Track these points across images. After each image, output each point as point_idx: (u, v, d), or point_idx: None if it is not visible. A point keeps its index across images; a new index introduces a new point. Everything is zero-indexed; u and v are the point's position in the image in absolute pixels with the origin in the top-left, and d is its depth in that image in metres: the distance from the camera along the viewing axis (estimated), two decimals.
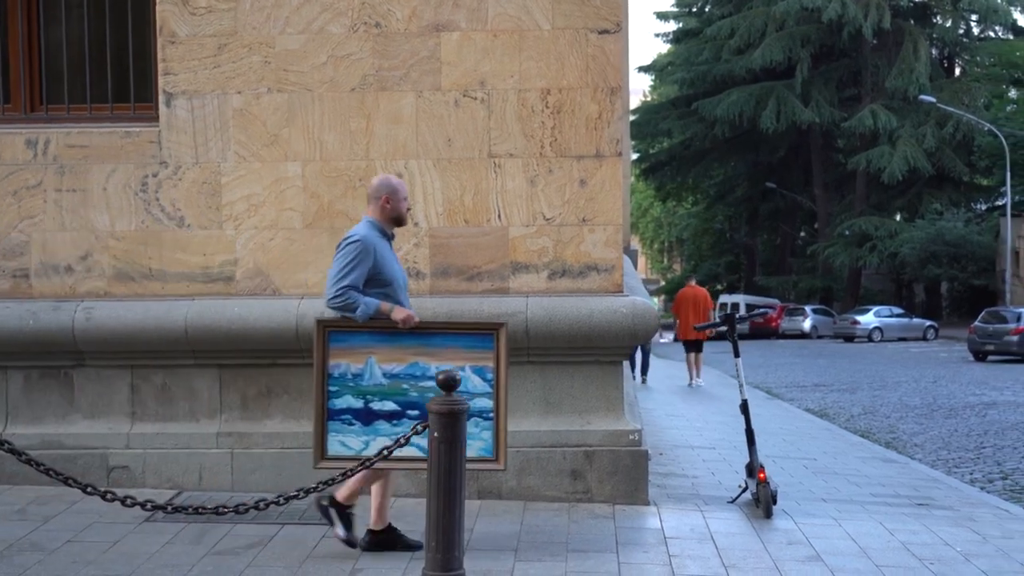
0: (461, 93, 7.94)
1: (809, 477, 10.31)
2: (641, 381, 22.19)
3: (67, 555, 6.41)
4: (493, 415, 6.45)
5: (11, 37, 8.40)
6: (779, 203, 66.76)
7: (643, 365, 22.82)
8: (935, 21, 61.43)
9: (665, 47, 75.78)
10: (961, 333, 41.69)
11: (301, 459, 7.87)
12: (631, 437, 7.91)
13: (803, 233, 71.38)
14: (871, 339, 48.38)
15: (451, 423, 5.44)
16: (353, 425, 6.39)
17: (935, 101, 50.57)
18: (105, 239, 8.11)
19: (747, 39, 59.12)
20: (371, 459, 5.93)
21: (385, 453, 5.88)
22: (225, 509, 5.82)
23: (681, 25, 70.06)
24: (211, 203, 8.05)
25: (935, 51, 61.79)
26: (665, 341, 44.62)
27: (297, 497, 5.74)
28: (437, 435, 5.44)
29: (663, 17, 71.22)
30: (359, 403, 6.39)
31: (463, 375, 6.27)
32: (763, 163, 66.47)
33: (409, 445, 5.88)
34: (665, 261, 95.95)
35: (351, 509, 6.62)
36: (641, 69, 75.58)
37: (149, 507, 5.67)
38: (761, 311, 16.40)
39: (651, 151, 72.94)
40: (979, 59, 60.98)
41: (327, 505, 6.59)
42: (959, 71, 63.33)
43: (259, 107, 8.01)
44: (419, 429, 5.67)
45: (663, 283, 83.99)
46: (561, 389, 7.99)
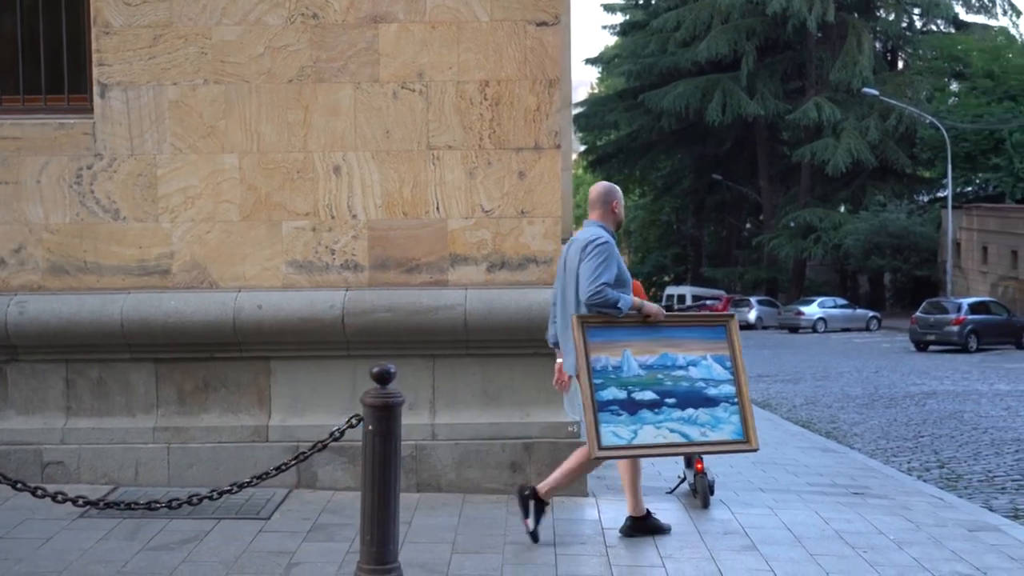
0: (399, 85, 7.92)
1: (748, 467, 10.38)
2: None
3: None
4: (737, 400, 6.82)
5: None
6: (725, 195, 67.24)
7: None
8: (878, 14, 62.11)
9: (612, 39, 75.94)
10: (904, 323, 42.19)
11: (238, 453, 7.85)
12: (570, 429, 7.94)
13: (749, 225, 71.90)
14: (815, 330, 48.82)
15: (386, 416, 5.43)
16: (620, 415, 6.60)
17: (878, 94, 51.07)
18: (39, 232, 8.01)
19: (693, 31, 59.47)
20: (645, 446, 6.60)
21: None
22: (158, 505, 5.78)
23: (628, 17, 70.33)
24: (147, 195, 7.97)
25: (878, 44, 62.51)
26: None
27: (231, 492, 5.72)
28: (372, 428, 5.42)
29: (610, 9, 71.50)
30: (623, 394, 6.62)
31: (704, 363, 6.80)
32: (709, 155, 66.84)
33: (672, 432, 6.59)
34: None
35: (548, 505, 6.88)
36: (588, 61, 75.72)
37: (81, 503, 5.62)
38: (701, 303, 16.51)
39: (598, 143, 73.13)
40: (921, 52, 61.65)
41: (528, 496, 6.81)
42: (902, 64, 64.01)
43: (195, 98, 7.94)
44: (353, 422, 5.65)
45: None
46: (501, 382, 7.99)
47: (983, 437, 13.78)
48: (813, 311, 50.12)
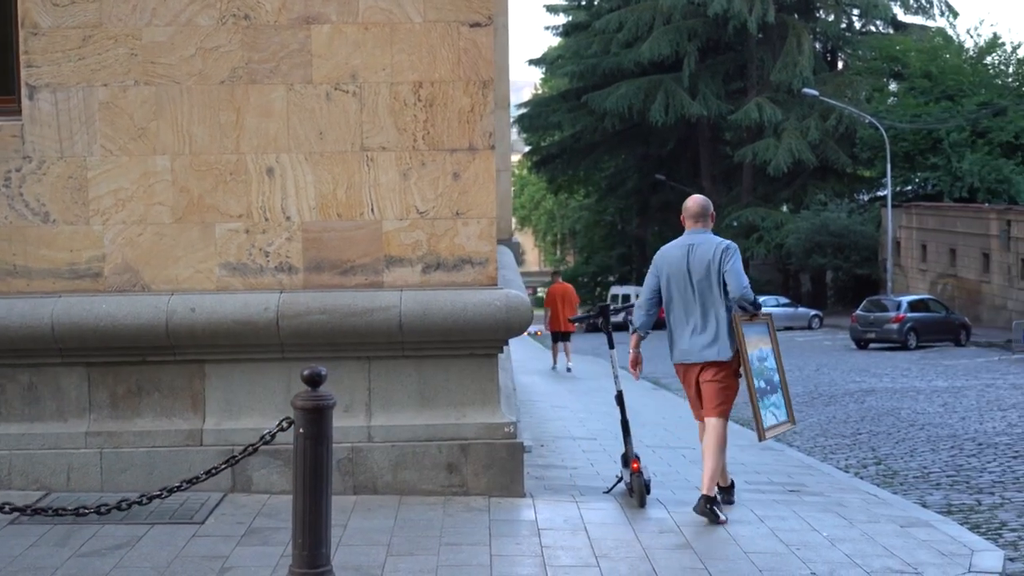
0: (332, 86, 7.88)
1: (686, 466, 10.45)
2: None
3: None
4: (781, 386, 8.09)
5: None
6: (669, 195, 67.38)
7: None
8: (818, 16, 62.69)
9: (556, 40, 76.07)
10: (845, 321, 42.56)
11: (173, 458, 7.78)
12: (507, 430, 7.94)
13: None
14: None
15: (317, 419, 5.42)
16: (764, 400, 7.87)
17: (818, 95, 51.52)
18: None
19: (635, 32, 59.72)
20: (773, 427, 7.99)
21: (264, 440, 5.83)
22: (86, 510, 5.72)
23: (571, 19, 70.52)
24: (77, 198, 7.88)
25: (818, 45, 63.05)
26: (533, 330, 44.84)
27: (161, 497, 5.67)
28: (303, 431, 5.41)
29: (553, 10, 71.64)
30: (762, 382, 7.88)
31: (772, 356, 8.09)
32: (652, 156, 67.15)
33: (773, 415, 7.90)
34: (558, 253, 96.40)
35: (719, 492, 7.87)
36: (532, 62, 75.90)
37: (7, 510, 5.55)
38: (631, 304, 16.78)
39: (542, 144, 73.25)
40: (861, 53, 62.22)
41: (711, 507, 7.51)
42: (842, 65, 64.65)
43: (126, 100, 7.85)
44: (284, 425, 5.62)
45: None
46: (437, 383, 7.98)
47: (920, 434, 13.93)
48: None
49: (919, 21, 63.51)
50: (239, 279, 7.91)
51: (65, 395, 7.90)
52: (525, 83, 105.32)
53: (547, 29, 74.70)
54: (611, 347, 8.84)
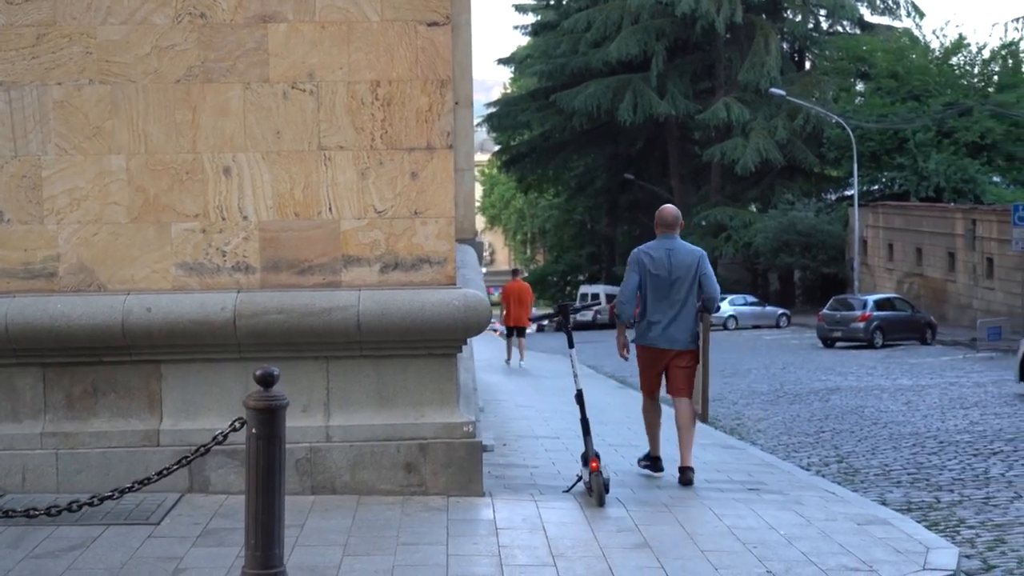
0: (289, 85, 7.85)
1: None
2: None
3: None
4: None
5: None
6: (638, 194, 67.60)
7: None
8: (785, 16, 62.93)
9: (524, 39, 76.10)
10: (812, 320, 42.74)
11: (129, 458, 7.73)
12: (465, 429, 7.93)
13: None
14: (726, 327, 49.26)
15: (269, 419, 5.40)
16: None
17: (785, 94, 51.74)
18: None
19: (603, 32, 59.81)
20: None
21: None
22: (36, 512, 5.68)
23: (539, 18, 70.56)
24: (32, 197, 7.81)
25: (786, 45, 63.36)
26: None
27: (112, 498, 5.63)
28: (255, 431, 5.39)
29: (521, 10, 71.75)
30: None
31: None
32: (621, 155, 67.24)
33: None
34: (528, 252, 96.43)
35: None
36: (501, 61, 75.87)
37: None
38: (594, 303, 16.87)
39: (512, 143, 73.25)
40: (828, 53, 62.47)
41: (692, 475, 8.92)
42: (809, 65, 64.89)
43: (81, 98, 7.80)
44: (237, 426, 5.59)
45: (526, 274, 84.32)
46: (395, 383, 7.96)
47: (882, 432, 14.00)
48: (724, 309, 50.43)
49: (886, 22, 63.86)
50: (196, 279, 7.87)
51: (20, 396, 7.83)
52: (495, 82, 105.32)
53: (516, 28, 74.54)
54: (571, 346, 8.84)
